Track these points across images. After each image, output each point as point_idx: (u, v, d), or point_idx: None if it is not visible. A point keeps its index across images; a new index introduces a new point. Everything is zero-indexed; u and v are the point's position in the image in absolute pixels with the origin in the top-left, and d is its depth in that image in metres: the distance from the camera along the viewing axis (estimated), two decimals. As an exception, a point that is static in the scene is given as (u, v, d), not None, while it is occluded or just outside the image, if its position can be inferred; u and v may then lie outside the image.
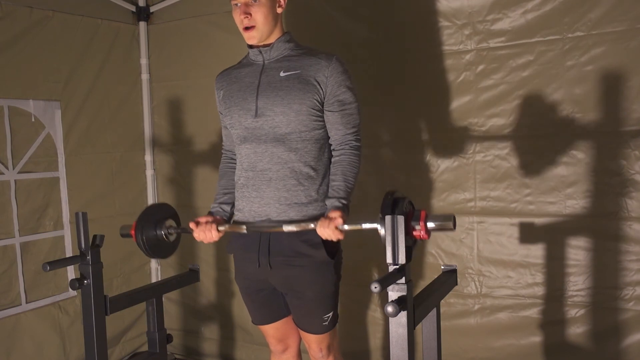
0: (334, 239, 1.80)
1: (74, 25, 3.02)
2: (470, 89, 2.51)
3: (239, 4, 1.89)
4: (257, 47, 1.96)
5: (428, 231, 1.60)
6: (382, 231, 1.57)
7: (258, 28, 1.89)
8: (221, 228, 1.96)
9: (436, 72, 2.58)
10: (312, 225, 1.81)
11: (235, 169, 2.08)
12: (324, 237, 1.81)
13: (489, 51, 2.46)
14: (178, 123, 3.37)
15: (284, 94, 1.89)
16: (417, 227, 1.59)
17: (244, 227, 1.92)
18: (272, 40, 1.95)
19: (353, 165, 1.92)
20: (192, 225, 1.99)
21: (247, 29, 1.90)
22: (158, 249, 2.15)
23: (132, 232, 2.08)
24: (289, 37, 1.97)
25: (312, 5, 2.82)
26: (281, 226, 1.85)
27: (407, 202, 1.62)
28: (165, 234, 2.12)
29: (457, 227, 2.56)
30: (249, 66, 2.01)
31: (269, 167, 1.92)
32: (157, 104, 3.43)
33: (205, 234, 1.96)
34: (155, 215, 2.15)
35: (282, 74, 1.92)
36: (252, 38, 1.92)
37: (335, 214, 1.79)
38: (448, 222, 1.60)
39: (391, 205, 1.57)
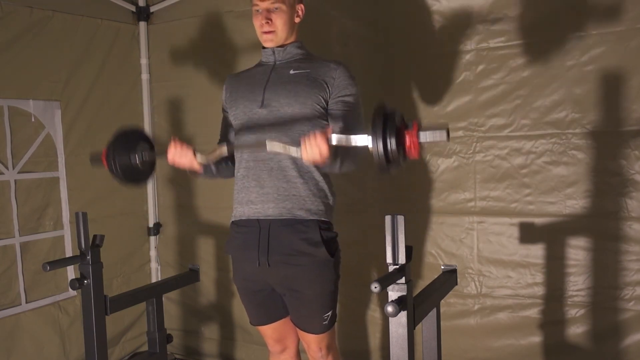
0: (323, 153, 1.66)
1: (74, 25, 3.01)
2: (470, 89, 2.51)
3: (260, 10, 1.97)
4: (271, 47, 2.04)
5: (420, 145, 1.51)
6: (372, 146, 1.51)
7: (277, 33, 1.99)
8: (200, 156, 1.91)
9: (436, 72, 2.58)
10: (296, 152, 1.70)
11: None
12: (310, 158, 1.68)
13: (489, 51, 2.46)
14: (178, 123, 3.36)
15: (291, 87, 1.94)
16: (408, 137, 1.50)
17: (225, 149, 1.90)
18: (286, 43, 2.04)
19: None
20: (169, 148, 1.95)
21: (266, 32, 1.98)
22: (132, 175, 2.05)
23: (104, 159, 1.99)
24: (300, 45, 2.07)
25: (312, 4, 2.81)
26: (265, 144, 1.77)
27: (398, 115, 1.56)
28: (139, 159, 2.02)
29: (457, 227, 2.61)
30: (260, 67, 2.10)
31: (270, 157, 1.95)
32: (157, 104, 3.43)
33: (181, 157, 1.94)
34: (127, 139, 2.03)
35: (291, 72, 1.99)
36: (269, 41, 2.01)
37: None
38: (442, 130, 1.49)
39: (382, 120, 1.51)
